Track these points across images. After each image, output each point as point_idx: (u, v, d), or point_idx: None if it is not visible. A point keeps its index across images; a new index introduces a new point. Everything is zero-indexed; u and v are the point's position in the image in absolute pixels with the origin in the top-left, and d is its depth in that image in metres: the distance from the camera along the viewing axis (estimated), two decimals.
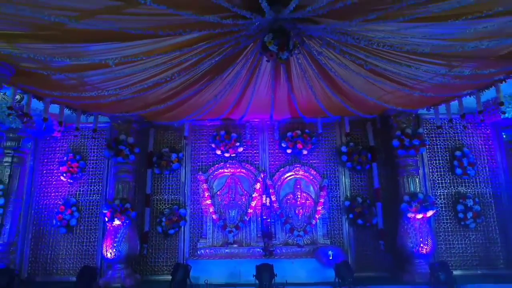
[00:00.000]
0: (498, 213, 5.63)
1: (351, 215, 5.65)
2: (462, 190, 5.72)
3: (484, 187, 5.74)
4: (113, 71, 3.76)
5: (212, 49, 3.61)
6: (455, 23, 3.09)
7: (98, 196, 5.88)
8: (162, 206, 5.87)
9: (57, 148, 6.05)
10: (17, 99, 4.70)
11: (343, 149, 5.86)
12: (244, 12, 2.94)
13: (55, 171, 5.98)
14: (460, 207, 5.54)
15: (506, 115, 5.21)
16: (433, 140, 5.89)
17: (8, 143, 5.33)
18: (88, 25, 2.94)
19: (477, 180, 5.77)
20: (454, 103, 5.00)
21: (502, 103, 4.65)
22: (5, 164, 5.33)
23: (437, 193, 5.73)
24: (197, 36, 3.34)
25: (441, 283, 4.56)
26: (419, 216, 5.12)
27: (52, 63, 3.60)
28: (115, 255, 5.16)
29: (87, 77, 3.95)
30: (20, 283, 5.09)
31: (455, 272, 5.19)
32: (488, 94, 4.75)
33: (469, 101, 4.83)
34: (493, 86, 4.48)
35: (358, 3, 2.81)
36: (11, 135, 5.33)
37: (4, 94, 4.86)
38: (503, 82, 4.39)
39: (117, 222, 5.22)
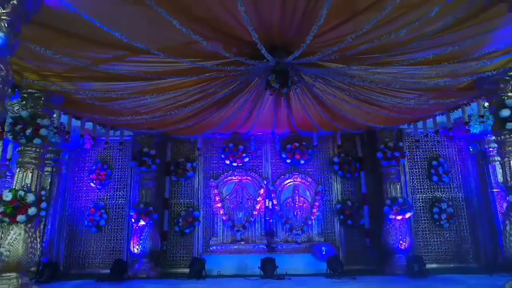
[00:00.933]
0: (469, 214, 6.53)
1: (341, 217, 6.57)
2: (438, 195, 6.62)
3: (457, 192, 6.65)
4: (146, 100, 4.69)
5: (226, 84, 4.53)
6: (421, 67, 4.03)
7: (123, 200, 6.79)
8: (179, 209, 6.79)
9: (87, 158, 6.97)
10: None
11: (335, 159, 6.78)
12: (252, 62, 3.85)
13: (85, 178, 6.88)
14: (435, 209, 6.44)
15: (473, 130, 6.11)
16: (413, 151, 6.80)
17: (49, 155, 6.25)
18: (111, 69, 3.84)
19: (451, 186, 6.67)
20: (430, 120, 5.93)
21: (467, 123, 5.61)
22: (46, 173, 6.24)
23: (416, 197, 6.64)
24: (215, 76, 4.26)
25: (415, 273, 5.46)
26: (399, 217, 6.02)
27: (96, 94, 4.52)
28: (141, 250, 6.07)
29: (123, 105, 4.87)
30: (60, 275, 5.99)
31: (431, 265, 6.13)
32: (458, 113, 5.67)
33: (444, 119, 5.75)
34: (460, 108, 5.42)
35: (345, 56, 3.73)
36: (51, 148, 6.25)
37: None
38: (468, 105, 5.32)
39: (142, 222, 6.14)
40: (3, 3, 2.45)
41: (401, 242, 5.95)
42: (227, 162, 6.88)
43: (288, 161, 6.86)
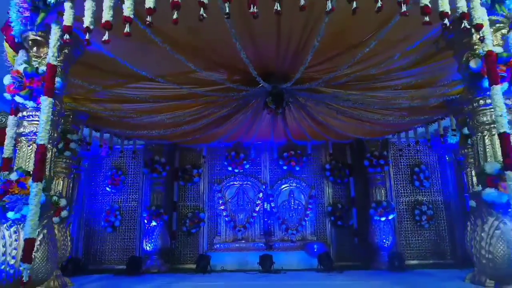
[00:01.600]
0: (447, 216, 7.25)
1: (332, 218, 7.30)
2: (419, 198, 7.34)
3: (437, 196, 7.37)
4: (157, 117, 5.43)
5: (228, 105, 5.27)
6: (395, 91, 4.76)
7: (135, 203, 7.51)
8: (186, 211, 7.52)
9: (103, 165, 7.69)
10: None
11: (327, 166, 7.51)
12: (251, 88, 4.58)
13: (101, 183, 7.63)
14: (417, 211, 7.15)
15: (450, 141, 6.82)
16: (397, 159, 7.52)
17: None
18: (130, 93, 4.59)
19: (432, 190, 7.39)
20: (412, 132, 6.66)
21: (442, 135, 6.34)
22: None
23: (400, 200, 7.37)
24: (219, 100, 5.00)
25: (396, 268, 6.18)
26: (383, 218, 6.74)
27: (120, 112, 5.26)
28: (152, 248, 6.80)
29: (139, 120, 5.61)
30: (81, 269, 6.72)
31: (412, 262, 6.85)
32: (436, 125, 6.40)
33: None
34: (436, 122, 6.16)
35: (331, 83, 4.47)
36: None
37: None
38: (443, 119, 6.05)
39: (153, 223, 6.87)
40: (58, 53, 3.18)
41: (384, 240, 6.67)
42: (230, 168, 7.61)
43: (285, 167, 7.59)
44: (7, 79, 3.13)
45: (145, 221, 6.96)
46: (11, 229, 2.83)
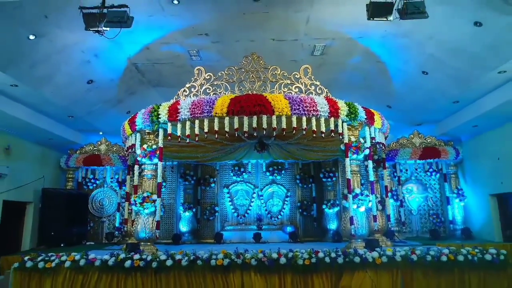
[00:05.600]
0: None
1: (300, 210, 11.31)
2: None
3: None
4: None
5: (233, 146, 9.21)
6: (315, 145, 8.71)
7: (172, 200, 11.49)
8: (206, 205, 11.51)
9: None
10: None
11: (298, 176, 11.49)
12: (247, 141, 8.52)
13: None
14: None
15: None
16: (343, 171, 11.48)
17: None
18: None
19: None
20: None
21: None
22: None
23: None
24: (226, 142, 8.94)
25: (335, 240, 10.17)
26: (331, 211, 10.75)
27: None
28: (186, 229, 10.85)
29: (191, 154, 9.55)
30: None
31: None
32: None
33: None
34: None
35: (289, 141, 8.42)
36: None
37: None
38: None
39: (186, 213, 10.90)
40: (157, 143, 7.06)
41: (331, 224, 10.71)
42: (234, 177, 11.60)
43: (270, 177, 11.58)
44: (138, 151, 7.10)
45: (181, 212, 11.00)
46: (147, 217, 6.85)
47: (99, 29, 4.98)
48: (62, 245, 9.70)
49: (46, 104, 8.41)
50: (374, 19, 5.08)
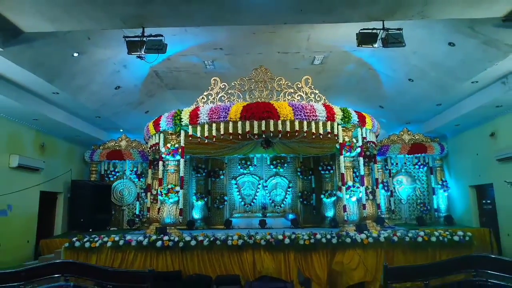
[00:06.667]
0: None
1: (301, 199, 12.59)
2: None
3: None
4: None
5: (242, 144, 10.41)
6: (314, 142, 9.92)
7: (186, 190, 12.73)
8: (216, 195, 12.77)
9: None
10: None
11: (299, 169, 12.76)
12: (255, 139, 9.73)
13: None
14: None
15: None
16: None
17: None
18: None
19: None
20: None
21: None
22: None
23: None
24: (237, 141, 10.15)
25: (332, 226, 11.46)
26: (328, 200, 12.02)
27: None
28: (199, 216, 12.14)
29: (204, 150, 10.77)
30: None
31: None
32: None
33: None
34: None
35: (291, 139, 9.64)
36: None
37: None
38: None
39: (199, 202, 12.18)
40: (179, 142, 8.28)
41: (328, 212, 11.99)
42: (241, 170, 12.86)
43: (274, 169, 12.84)
44: (163, 149, 8.32)
45: (194, 201, 12.28)
46: (172, 205, 8.11)
47: (140, 55, 6.12)
48: (90, 230, 10.98)
49: (80, 107, 9.61)
50: (363, 46, 6.23)
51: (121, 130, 12.65)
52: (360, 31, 6.17)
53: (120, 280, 3.47)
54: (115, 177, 12.93)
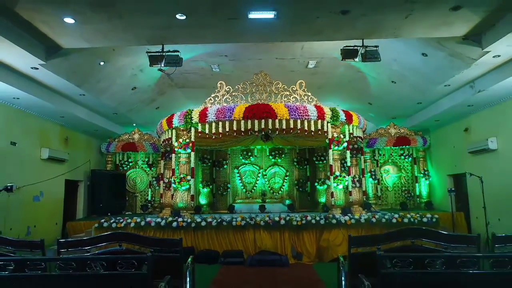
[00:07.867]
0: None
1: (297, 187, 13.94)
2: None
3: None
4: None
5: (244, 137, 11.68)
6: (308, 137, 11.19)
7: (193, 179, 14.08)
8: (220, 183, 14.13)
9: None
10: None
11: (295, 159, 14.07)
12: (256, 134, 10.99)
13: None
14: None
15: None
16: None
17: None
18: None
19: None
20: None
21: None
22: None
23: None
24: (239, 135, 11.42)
25: (324, 211, 12.82)
26: (321, 187, 13.36)
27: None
28: (205, 202, 13.50)
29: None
30: None
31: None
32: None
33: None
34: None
35: (287, 133, 10.92)
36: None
37: None
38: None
39: (205, 189, 13.53)
40: (190, 137, 9.55)
41: (322, 198, 13.35)
42: (243, 160, 14.18)
43: (273, 160, 14.15)
44: (175, 143, 9.60)
45: (200, 188, 13.63)
46: (184, 192, 9.43)
47: (161, 67, 7.34)
48: (108, 214, 12.34)
49: (100, 105, 10.85)
50: (346, 60, 7.45)
51: (134, 125, 13.90)
52: (344, 47, 7.38)
53: (159, 245, 4.74)
54: (128, 166, 14.23)
